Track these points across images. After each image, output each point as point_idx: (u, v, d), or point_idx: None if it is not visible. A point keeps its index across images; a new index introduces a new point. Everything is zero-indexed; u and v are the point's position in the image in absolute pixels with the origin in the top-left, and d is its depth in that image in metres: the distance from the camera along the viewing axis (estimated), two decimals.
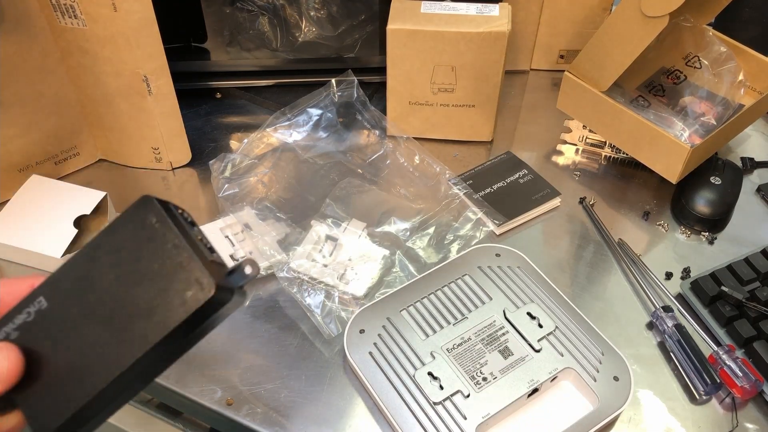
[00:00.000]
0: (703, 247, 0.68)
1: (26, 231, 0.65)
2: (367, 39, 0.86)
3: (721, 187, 0.70)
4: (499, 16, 0.70)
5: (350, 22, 0.85)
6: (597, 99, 0.70)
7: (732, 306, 0.59)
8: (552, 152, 0.79)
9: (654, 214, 0.71)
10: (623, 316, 0.61)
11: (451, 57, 0.71)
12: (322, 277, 0.62)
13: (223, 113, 0.84)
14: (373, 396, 0.53)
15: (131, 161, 0.76)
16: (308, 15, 0.84)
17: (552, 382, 0.54)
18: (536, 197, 0.71)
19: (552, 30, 0.86)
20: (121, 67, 0.66)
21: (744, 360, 0.55)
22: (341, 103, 0.78)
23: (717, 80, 0.72)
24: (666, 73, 0.76)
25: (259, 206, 0.68)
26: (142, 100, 0.69)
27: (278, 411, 0.53)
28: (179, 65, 0.75)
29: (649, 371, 0.57)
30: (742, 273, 0.62)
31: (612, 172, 0.76)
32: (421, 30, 0.69)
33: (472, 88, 0.74)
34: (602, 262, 0.66)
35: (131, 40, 0.64)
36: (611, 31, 0.65)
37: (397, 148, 0.76)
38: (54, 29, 0.65)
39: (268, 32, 0.85)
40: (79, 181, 0.74)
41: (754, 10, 0.84)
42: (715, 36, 0.73)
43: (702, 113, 0.71)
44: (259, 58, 0.86)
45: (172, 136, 0.73)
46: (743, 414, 0.54)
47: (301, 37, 0.85)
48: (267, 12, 0.84)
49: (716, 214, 0.69)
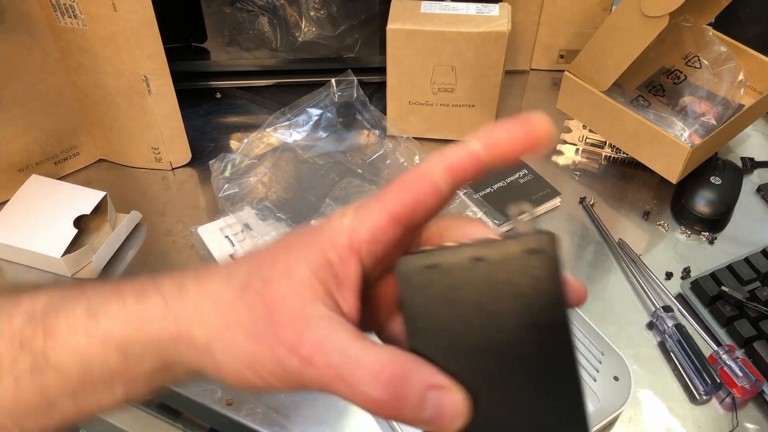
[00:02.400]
0: (704, 247, 0.68)
1: (26, 231, 0.65)
2: (367, 39, 0.86)
3: (722, 187, 0.70)
4: (499, 15, 0.70)
5: (350, 21, 0.85)
6: (597, 99, 0.70)
7: (732, 306, 0.59)
8: (552, 152, 0.79)
9: (654, 214, 0.71)
10: (623, 316, 0.61)
11: (451, 57, 0.71)
12: None
13: (223, 113, 0.84)
14: None
15: (131, 161, 0.76)
16: (308, 15, 0.84)
17: None
18: (536, 197, 0.71)
19: (552, 30, 0.86)
20: (121, 67, 0.66)
21: (744, 360, 0.55)
22: (341, 103, 0.78)
23: (717, 80, 0.72)
24: (666, 73, 0.76)
25: (259, 206, 0.68)
26: (142, 100, 0.69)
27: (278, 411, 0.53)
28: (179, 65, 0.75)
29: (649, 371, 0.57)
30: (742, 273, 0.62)
31: (612, 172, 0.76)
32: (421, 30, 0.69)
33: (472, 88, 0.74)
34: (602, 262, 0.66)
35: (131, 40, 0.64)
36: (611, 31, 0.65)
37: (397, 148, 0.76)
38: (54, 29, 0.65)
39: (267, 32, 0.85)
40: (79, 181, 0.74)
41: (754, 10, 0.84)
42: (715, 36, 0.73)
43: (702, 113, 0.71)
44: (259, 57, 0.86)
45: (172, 135, 0.73)
46: (743, 414, 0.54)
47: (301, 37, 0.85)
48: (267, 12, 0.84)
49: (716, 214, 0.69)
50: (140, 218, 0.70)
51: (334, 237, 0.26)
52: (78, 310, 0.29)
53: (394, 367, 0.24)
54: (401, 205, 0.26)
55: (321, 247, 0.26)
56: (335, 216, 0.27)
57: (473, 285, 0.24)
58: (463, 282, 0.25)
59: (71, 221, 0.65)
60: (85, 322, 0.29)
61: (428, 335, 0.25)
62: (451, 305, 0.25)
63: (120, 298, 0.29)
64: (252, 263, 0.28)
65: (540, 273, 0.24)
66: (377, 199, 0.26)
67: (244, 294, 0.27)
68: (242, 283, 0.27)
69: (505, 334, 0.24)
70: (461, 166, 0.26)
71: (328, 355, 0.25)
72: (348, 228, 0.26)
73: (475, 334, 0.24)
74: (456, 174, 0.26)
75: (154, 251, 0.68)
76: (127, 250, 0.68)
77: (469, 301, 0.24)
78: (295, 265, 0.26)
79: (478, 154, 0.26)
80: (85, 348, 0.29)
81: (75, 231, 0.64)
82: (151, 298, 0.28)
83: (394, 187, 0.26)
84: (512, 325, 0.24)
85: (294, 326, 0.25)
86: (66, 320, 0.29)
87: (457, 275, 0.25)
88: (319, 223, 0.27)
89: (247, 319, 0.26)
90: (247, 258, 0.29)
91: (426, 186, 0.26)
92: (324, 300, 0.26)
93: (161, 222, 0.71)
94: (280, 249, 0.28)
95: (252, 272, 0.27)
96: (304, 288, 0.26)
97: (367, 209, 0.26)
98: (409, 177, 0.26)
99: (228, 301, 0.27)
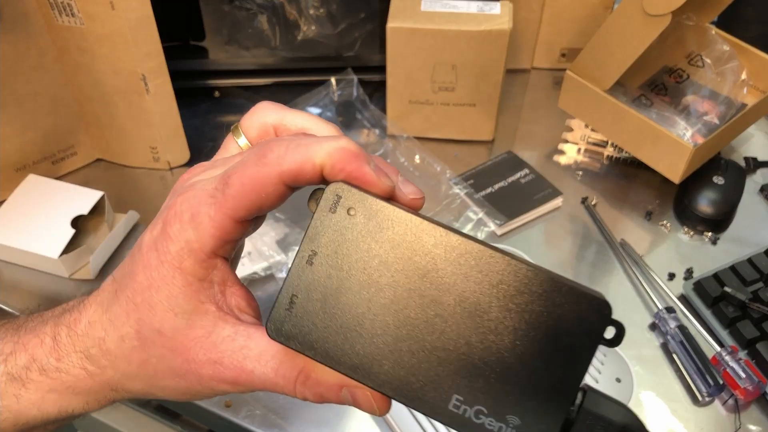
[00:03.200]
0: (706, 248, 0.68)
1: (23, 231, 0.64)
2: (367, 37, 0.85)
3: (724, 186, 0.70)
4: (500, 14, 0.70)
5: (350, 20, 0.85)
6: (599, 98, 0.69)
7: (735, 307, 0.59)
8: (553, 152, 0.78)
9: (656, 214, 0.71)
10: (625, 317, 0.61)
11: (452, 55, 0.70)
12: None
13: (222, 112, 0.84)
14: None
15: (129, 161, 0.76)
16: (307, 13, 0.84)
17: None
18: (538, 197, 0.71)
19: (553, 28, 0.85)
20: (118, 65, 0.66)
21: (747, 361, 0.55)
22: (341, 102, 0.77)
23: (720, 79, 0.71)
24: (668, 72, 0.75)
25: None
26: (140, 99, 0.68)
27: (277, 413, 0.53)
28: (177, 64, 0.75)
29: (652, 372, 0.57)
30: (745, 274, 0.61)
31: (614, 171, 0.76)
32: (422, 28, 0.69)
33: (472, 86, 0.73)
34: (604, 263, 0.66)
35: (129, 38, 0.63)
36: (613, 29, 0.65)
37: (398, 148, 0.75)
38: (51, 28, 0.65)
39: (267, 30, 0.85)
40: (76, 180, 0.74)
41: (756, 9, 0.83)
42: (717, 35, 0.73)
43: (705, 112, 0.71)
44: (258, 56, 0.85)
45: (170, 135, 0.73)
46: (746, 415, 0.54)
47: (300, 36, 0.84)
48: (266, 10, 0.84)
49: (719, 214, 0.69)
50: (138, 218, 0.70)
51: (187, 254, 0.27)
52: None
53: (307, 371, 0.27)
54: (245, 210, 0.26)
55: (182, 272, 0.27)
56: (172, 233, 0.27)
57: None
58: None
59: (69, 221, 0.64)
60: (11, 388, 0.31)
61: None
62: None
63: (37, 366, 0.30)
64: (130, 314, 0.29)
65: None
66: (216, 204, 0.27)
67: (148, 350, 0.28)
68: (139, 340, 0.28)
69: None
70: (303, 178, 0.26)
71: (251, 373, 0.27)
72: (196, 242, 0.27)
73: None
74: (298, 182, 0.26)
75: None
76: (125, 250, 0.68)
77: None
78: (176, 303, 0.28)
79: (320, 172, 0.26)
80: (17, 410, 0.31)
81: (72, 231, 0.64)
82: (65, 366, 0.30)
83: (233, 190, 0.26)
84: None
85: (209, 359, 0.27)
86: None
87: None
88: (154, 247, 0.28)
89: (165, 368, 0.28)
90: (123, 308, 0.29)
91: (266, 188, 0.26)
92: (221, 317, 0.28)
93: None
94: (146, 289, 0.28)
95: (141, 325, 0.28)
96: (198, 318, 0.28)
97: (209, 216, 0.27)
98: (249, 178, 0.26)
99: (139, 361, 0.29)
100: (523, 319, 0.24)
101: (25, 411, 0.30)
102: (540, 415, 0.24)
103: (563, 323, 0.24)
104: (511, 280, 0.24)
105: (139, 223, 0.70)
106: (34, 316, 0.32)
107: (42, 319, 0.32)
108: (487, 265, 0.25)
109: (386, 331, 0.25)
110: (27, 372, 0.30)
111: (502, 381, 0.24)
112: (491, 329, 0.24)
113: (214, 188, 0.27)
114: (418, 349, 0.25)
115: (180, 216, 0.27)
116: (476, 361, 0.25)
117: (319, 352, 0.25)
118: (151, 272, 0.27)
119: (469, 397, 0.24)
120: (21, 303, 0.63)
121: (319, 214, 0.25)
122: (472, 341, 0.24)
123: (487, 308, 0.24)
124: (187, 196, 0.27)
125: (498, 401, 0.24)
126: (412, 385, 0.25)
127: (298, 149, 0.26)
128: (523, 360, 0.24)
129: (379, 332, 0.25)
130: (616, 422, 0.24)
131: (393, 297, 0.25)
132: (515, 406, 0.24)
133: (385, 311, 0.25)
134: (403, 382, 0.25)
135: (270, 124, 0.31)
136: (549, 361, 0.24)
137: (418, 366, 0.25)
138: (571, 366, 0.24)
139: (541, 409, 0.24)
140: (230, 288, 0.28)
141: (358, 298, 0.25)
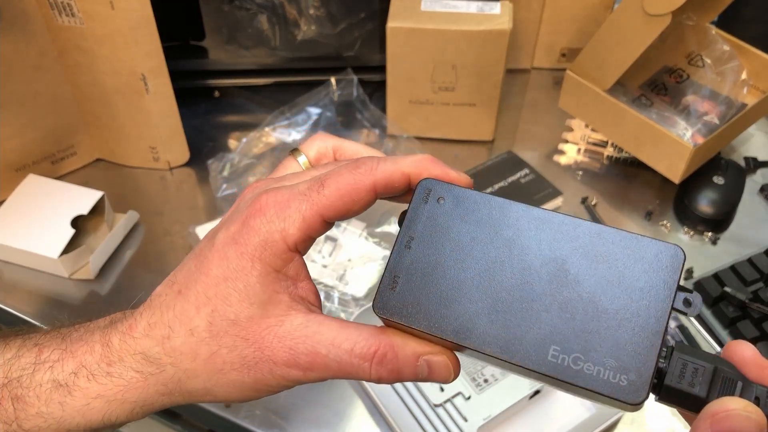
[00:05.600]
0: (706, 248, 0.68)
1: (23, 231, 0.64)
2: (366, 37, 0.85)
3: (724, 186, 0.70)
4: (500, 14, 0.69)
5: (350, 20, 0.85)
6: (599, 98, 0.69)
7: (735, 307, 0.59)
8: (554, 152, 0.78)
9: (656, 214, 0.71)
10: None
11: (452, 55, 0.70)
12: (322, 278, 0.61)
13: (222, 112, 0.84)
14: (372, 398, 0.53)
15: (129, 161, 0.76)
16: (307, 13, 0.84)
17: None
18: (538, 197, 0.71)
19: (553, 28, 0.85)
20: (118, 65, 0.66)
21: None
22: (341, 101, 0.77)
23: (720, 79, 0.71)
24: (669, 72, 0.75)
25: None
26: (139, 99, 0.68)
27: (277, 413, 0.53)
28: (177, 64, 0.75)
29: None
30: (745, 274, 0.61)
31: (614, 171, 0.76)
32: (422, 28, 0.69)
33: (472, 86, 0.73)
34: None
35: (129, 38, 0.63)
36: (613, 29, 0.65)
37: (398, 148, 0.75)
38: (51, 28, 0.65)
39: (266, 30, 0.85)
40: (76, 180, 0.74)
41: (757, 9, 0.83)
42: (718, 34, 0.73)
43: (705, 112, 0.71)
44: (258, 56, 0.85)
45: (170, 135, 0.73)
46: None
47: (300, 36, 0.84)
48: (266, 10, 0.84)
49: (719, 214, 0.69)
50: (138, 218, 0.70)
51: (269, 245, 0.28)
52: (44, 381, 0.30)
53: (384, 347, 0.28)
54: (335, 211, 0.29)
55: (262, 262, 0.28)
56: (255, 225, 0.29)
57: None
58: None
59: (68, 221, 0.64)
60: (56, 395, 0.30)
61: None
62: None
63: (86, 372, 0.30)
64: (200, 308, 0.29)
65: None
66: (309, 201, 0.29)
67: (219, 340, 0.29)
68: (210, 332, 0.29)
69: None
70: (392, 186, 0.29)
71: (326, 356, 0.28)
72: (280, 233, 0.28)
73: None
74: (386, 190, 0.29)
75: (152, 252, 0.68)
76: (125, 250, 0.68)
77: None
78: (253, 292, 0.28)
79: (407, 181, 0.30)
80: (61, 417, 0.30)
81: (72, 231, 0.64)
82: (118, 370, 0.29)
83: (329, 191, 0.29)
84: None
85: (283, 345, 0.28)
86: (34, 390, 0.30)
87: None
88: (233, 241, 0.29)
89: (235, 359, 0.29)
90: (192, 302, 0.29)
91: (360, 194, 0.29)
92: (293, 306, 0.29)
93: (159, 222, 0.70)
94: (221, 281, 0.29)
95: (213, 316, 0.29)
96: (273, 307, 0.29)
97: (299, 211, 0.29)
98: (345, 184, 0.29)
99: (206, 354, 0.29)
100: (607, 270, 0.27)
101: (68, 419, 0.30)
102: (635, 355, 0.26)
103: (643, 270, 0.27)
104: (593, 239, 0.27)
105: (139, 223, 0.70)
106: (77, 326, 0.32)
107: (88, 328, 0.31)
108: (569, 228, 0.28)
109: (483, 297, 0.28)
110: (74, 378, 0.30)
111: (595, 328, 0.26)
112: (578, 282, 0.27)
113: (308, 188, 0.29)
114: (513, 309, 0.27)
115: (265, 210, 0.29)
116: (568, 313, 0.27)
117: (423, 322, 0.28)
118: (229, 264, 0.29)
119: (566, 346, 0.26)
120: (21, 303, 0.63)
121: (413, 206, 0.29)
122: (562, 295, 0.27)
123: (572, 265, 0.27)
124: (275, 194, 0.29)
125: (593, 347, 0.26)
126: (511, 341, 0.27)
127: (387, 161, 0.29)
128: (611, 307, 0.26)
129: (477, 298, 0.28)
130: (708, 364, 0.26)
131: (486, 266, 0.28)
132: (610, 349, 0.26)
133: (480, 279, 0.28)
134: (504, 339, 0.27)
135: (328, 147, 0.34)
136: (634, 306, 0.26)
137: (515, 324, 0.27)
138: (655, 308, 0.26)
139: (634, 350, 0.26)
140: (301, 282, 0.30)
141: (455, 271, 0.28)
